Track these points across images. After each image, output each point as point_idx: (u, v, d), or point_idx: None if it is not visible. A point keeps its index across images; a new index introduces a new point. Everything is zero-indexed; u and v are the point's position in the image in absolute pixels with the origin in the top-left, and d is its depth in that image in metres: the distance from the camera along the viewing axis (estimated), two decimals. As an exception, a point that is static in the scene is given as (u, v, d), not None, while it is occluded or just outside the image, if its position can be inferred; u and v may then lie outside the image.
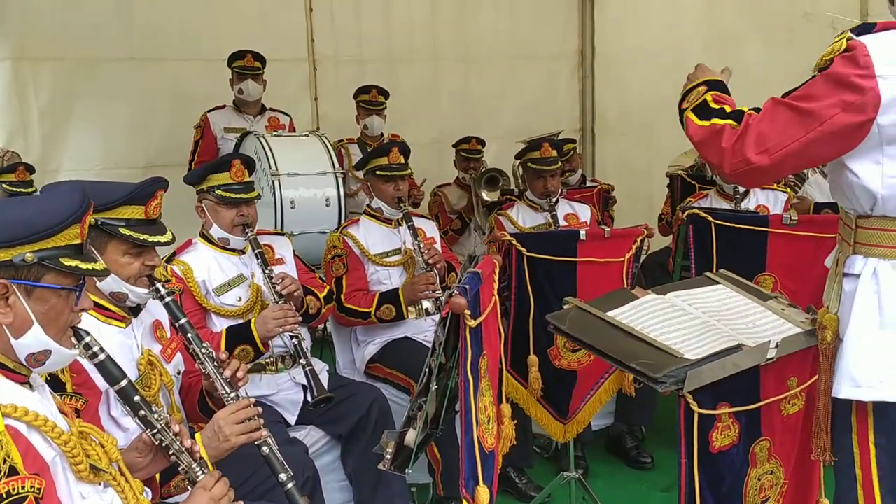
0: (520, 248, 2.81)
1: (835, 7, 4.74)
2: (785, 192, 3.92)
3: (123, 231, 2.02)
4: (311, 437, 2.89)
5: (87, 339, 1.73)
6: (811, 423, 2.18)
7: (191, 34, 5.18)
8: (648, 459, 3.61)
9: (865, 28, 1.62)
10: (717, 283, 2.40)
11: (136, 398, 1.81)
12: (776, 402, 2.13)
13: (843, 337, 1.74)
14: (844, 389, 1.71)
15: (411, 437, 1.86)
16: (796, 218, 2.90)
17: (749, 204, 3.88)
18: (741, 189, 3.85)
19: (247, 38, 5.06)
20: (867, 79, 1.56)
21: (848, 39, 1.61)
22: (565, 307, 2.21)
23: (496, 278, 2.27)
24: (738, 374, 2.02)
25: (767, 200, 3.89)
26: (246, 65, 4.82)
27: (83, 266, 1.56)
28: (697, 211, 3.05)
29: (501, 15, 6.41)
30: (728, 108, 1.77)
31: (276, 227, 3.94)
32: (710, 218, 3.01)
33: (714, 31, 5.71)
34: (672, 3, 6.03)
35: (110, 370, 1.78)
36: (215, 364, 2.10)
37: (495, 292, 2.23)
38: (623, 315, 2.15)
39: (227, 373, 2.12)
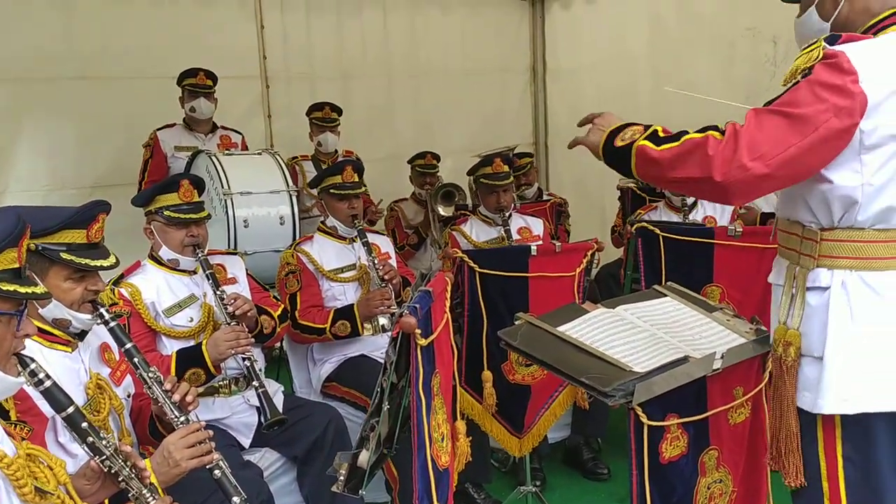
0: (472, 264, 2.83)
1: (774, 23, 4.88)
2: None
3: (64, 256, 1.98)
4: (267, 459, 2.86)
5: (33, 365, 1.71)
6: (758, 430, 2.23)
7: (140, 52, 5.10)
8: (605, 470, 3.64)
9: (832, 39, 1.63)
10: (665, 295, 2.45)
11: (84, 424, 1.78)
12: (723, 411, 2.18)
13: (813, 353, 1.70)
14: (830, 404, 1.66)
15: (364, 458, 1.85)
16: (741, 230, 2.97)
17: (697, 215, 3.97)
18: (689, 201, 3.94)
19: (197, 56, 5.00)
20: (854, 83, 1.56)
21: (823, 49, 1.61)
22: (516, 323, 2.24)
23: (448, 295, 2.28)
24: (685, 386, 2.06)
25: (714, 211, 3.99)
26: (198, 83, 4.76)
27: (22, 290, 1.53)
28: (646, 224, 3.11)
29: (453, 31, 6.46)
30: (690, 131, 1.71)
31: (229, 246, 3.90)
32: (658, 231, 3.06)
33: (660, 45, 5.84)
34: (619, 19, 6.14)
35: (56, 397, 1.76)
36: (164, 388, 2.07)
37: (447, 309, 2.24)
38: (573, 329, 2.17)
39: (176, 397, 2.09)
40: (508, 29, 6.80)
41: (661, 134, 1.74)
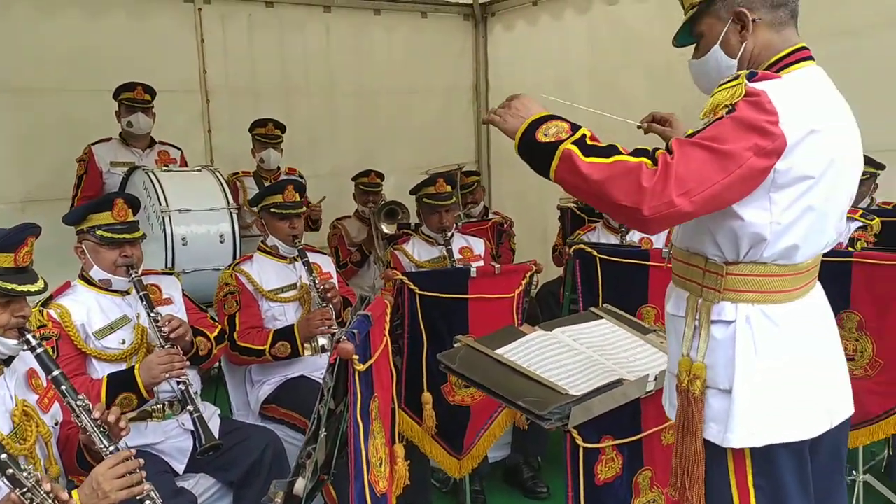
0: (412, 286, 2.83)
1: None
2: (667, 224, 4.10)
3: (-10, 280, 1.92)
4: (202, 485, 2.79)
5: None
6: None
7: (74, 64, 4.98)
8: (544, 489, 3.66)
9: (751, 74, 1.62)
10: (601, 317, 2.50)
11: (3, 456, 1.72)
12: (657, 432, 2.23)
13: (719, 385, 1.69)
14: (739, 438, 1.65)
15: (300, 485, 1.84)
16: (675, 252, 3.03)
17: (634, 236, 4.05)
18: (627, 222, 4.01)
19: (135, 69, 4.91)
20: (776, 125, 1.55)
21: (745, 86, 1.58)
22: (456, 345, 2.25)
23: (387, 319, 2.28)
24: (620, 408, 2.10)
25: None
26: (136, 97, 4.64)
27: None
28: (583, 246, 3.16)
29: (396, 49, 6.49)
30: (620, 146, 1.63)
31: (166, 264, 3.83)
32: (595, 253, 3.12)
33: (599, 67, 5.96)
34: (560, 41, 6.26)
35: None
36: (92, 417, 2.01)
37: (386, 333, 2.24)
38: (511, 352, 2.20)
39: (110, 418, 2.03)
40: (452, 48, 6.87)
41: (589, 141, 1.64)
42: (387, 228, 5.01)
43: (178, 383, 2.68)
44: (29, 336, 2.03)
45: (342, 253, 5.21)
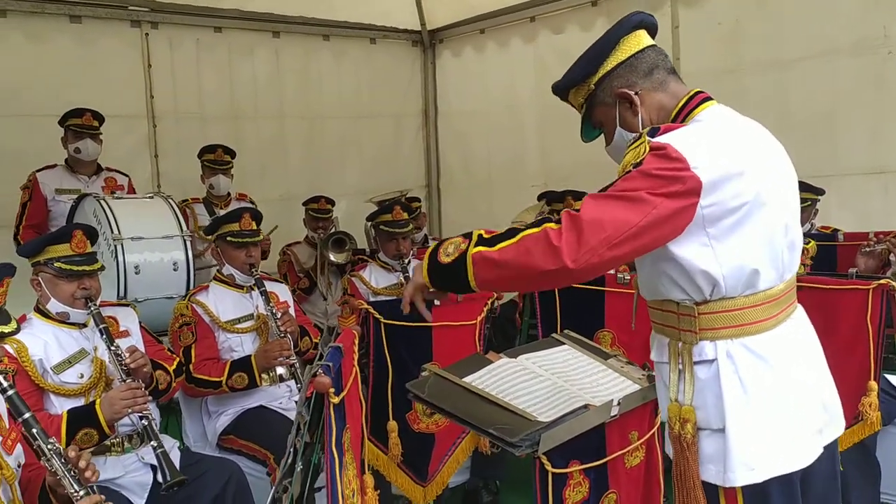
0: (377, 315, 2.85)
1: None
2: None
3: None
4: (163, 520, 2.75)
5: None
6: (652, 472, 2.37)
7: (16, 90, 4.88)
8: (504, 512, 3.71)
9: (653, 132, 1.67)
10: (563, 343, 2.57)
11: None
12: (620, 455, 2.30)
13: (711, 425, 1.71)
14: (741, 476, 1.66)
15: (278, 520, 1.83)
16: (629, 278, 3.14)
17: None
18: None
19: (80, 94, 4.84)
20: (684, 170, 1.59)
21: (648, 142, 1.63)
22: (423, 374, 2.28)
23: (356, 349, 2.30)
24: (586, 432, 2.16)
25: (602, 257, 4.17)
26: (84, 123, 4.54)
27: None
28: (542, 273, 3.23)
29: (346, 74, 6.53)
30: (518, 226, 1.64)
31: (118, 294, 3.76)
32: (552, 279, 3.19)
33: (545, 93, 6.06)
34: (507, 66, 6.39)
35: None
36: (63, 461, 1.96)
37: (356, 363, 2.26)
38: (479, 380, 2.24)
39: (82, 463, 1.98)
40: (401, 74, 6.94)
41: (487, 235, 1.67)
42: (334, 257, 5.00)
43: (141, 418, 2.64)
44: (0, 378, 1.98)
45: (291, 279, 5.18)
